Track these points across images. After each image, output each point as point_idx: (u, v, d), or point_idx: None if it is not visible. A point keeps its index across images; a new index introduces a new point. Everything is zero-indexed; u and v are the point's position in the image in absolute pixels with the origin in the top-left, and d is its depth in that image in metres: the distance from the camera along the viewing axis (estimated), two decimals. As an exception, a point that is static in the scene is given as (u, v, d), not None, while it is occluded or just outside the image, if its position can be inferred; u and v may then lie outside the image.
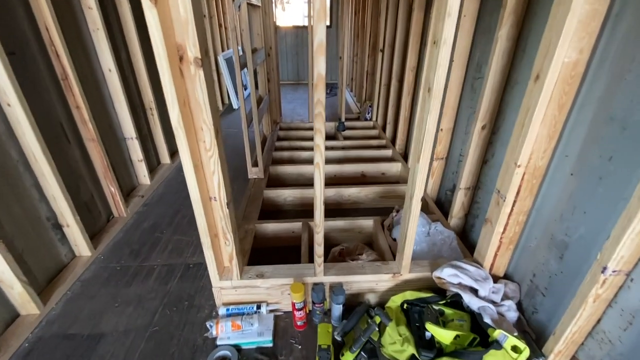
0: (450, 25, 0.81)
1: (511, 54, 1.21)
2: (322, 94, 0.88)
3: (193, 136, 0.95)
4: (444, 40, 0.83)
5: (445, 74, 0.87)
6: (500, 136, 1.32)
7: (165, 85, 0.85)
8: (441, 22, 0.82)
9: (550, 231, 1.06)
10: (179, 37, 0.83)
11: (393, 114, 2.75)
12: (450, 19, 0.80)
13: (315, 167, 1.00)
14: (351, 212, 1.97)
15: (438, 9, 0.83)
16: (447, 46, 0.83)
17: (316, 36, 0.80)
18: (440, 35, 0.83)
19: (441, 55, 0.84)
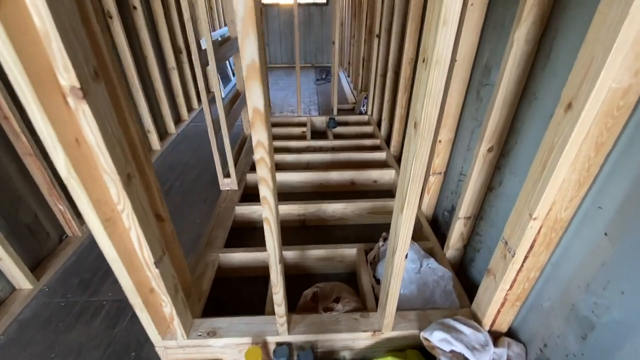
0: (445, 38, 0.54)
1: (530, 60, 0.93)
2: (262, 135, 0.62)
3: (98, 184, 0.70)
4: (437, 59, 0.56)
5: (437, 105, 0.61)
6: (510, 161, 1.06)
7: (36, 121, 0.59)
8: (433, 32, 0.55)
9: (571, 300, 0.82)
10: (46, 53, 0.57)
11: (389, 110, 2.46)
12: (446, 28, 0.53)
13: (265, 223, 0.76)
14: (335, 230, 1.74)
15: (429, 14, 0.56)
16: (440, 67, 0.57)
17: (245, 55, 0.54)
18: (432, 51, 0.56)
19: (432, 79, 0.58)
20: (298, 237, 1.68)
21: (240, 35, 0.52)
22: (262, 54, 0.55)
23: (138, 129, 0.83)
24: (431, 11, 0.55)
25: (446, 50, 0.54)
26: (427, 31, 0.57)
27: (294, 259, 1.43)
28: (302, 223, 1.77)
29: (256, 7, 0.51)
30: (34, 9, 0.51)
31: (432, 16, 0.55)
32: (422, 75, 0.60)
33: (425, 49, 0.58)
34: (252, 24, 0.51)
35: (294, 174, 2.02)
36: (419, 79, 0.61)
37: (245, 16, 0.50)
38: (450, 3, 0.50)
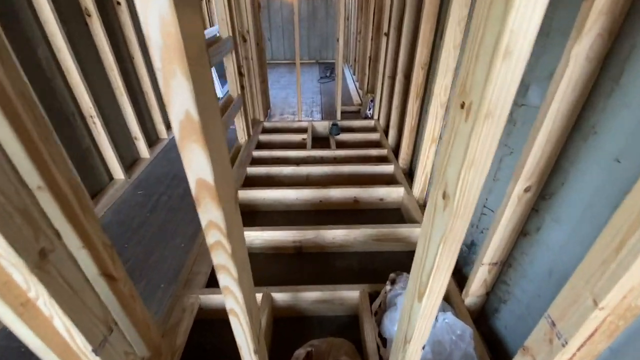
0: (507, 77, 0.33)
1: (590, 83, 0.70)
2: (215, 214, 0.42)
3: (0, 264, 0.51)
4: (489, 110, 0.35)
5: (483, 174, 0.40)
6: (553, 206, 0.84)
7: None
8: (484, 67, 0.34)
9: (644, 410, 0.61)
10: None
11: (397, 117, 2.24)
12: (508, 62, 0.32)
13: (230, 315, 0.56)
14: (336, 258, 1.54)
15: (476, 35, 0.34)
16: (494, 121, 0.35)
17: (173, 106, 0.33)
18: (481, 95, 0.35)
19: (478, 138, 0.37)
20: (292, 269, 1.48)
21: (161, 75, 0.31)
22: (205, 99, 0.35)
23: (71, 177, 0.63)
24: (479, 31, 0.34)
25: (506, 95, 0.33)
26: (471, 63, 0.36)
27: (286, 301, 1.23)
28: (297, 250, 1.58)
29: (187, 29, 0.30)
30: None
31: (481, 40, 0.33)
32: (462, 128, 0.39)
33: (467, 90, 0.37)
34: (179, 57, 0.30)
35: (290, 191, 1.82)
36: (455, 131, 0.40)
37: (165, 48, 0.29)
38: (521, 21, 0.29)
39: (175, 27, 0.29)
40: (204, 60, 0.35)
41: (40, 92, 1.52)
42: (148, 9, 0.28)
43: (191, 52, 0.31)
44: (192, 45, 0.32)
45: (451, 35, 1.31)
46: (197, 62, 0.33)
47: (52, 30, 1.57)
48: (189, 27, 0.31)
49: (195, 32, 0.32)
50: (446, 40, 1.32)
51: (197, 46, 0.33)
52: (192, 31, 0.31)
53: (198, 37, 0.33)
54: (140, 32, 2.38)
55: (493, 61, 0.31)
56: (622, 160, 0.65)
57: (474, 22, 0.35)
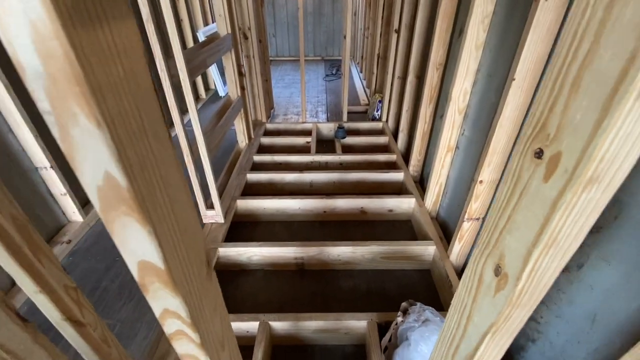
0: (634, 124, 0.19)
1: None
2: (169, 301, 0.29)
3: None
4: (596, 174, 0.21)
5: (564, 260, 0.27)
6: (602, 242, 0.71)
7: None
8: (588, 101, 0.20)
9: None
10: None
11: (408, 120, 2.09)
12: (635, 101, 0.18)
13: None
14: (341, 277, 1.42)
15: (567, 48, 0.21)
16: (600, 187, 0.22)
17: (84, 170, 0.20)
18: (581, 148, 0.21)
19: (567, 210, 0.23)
20: (293, 288, 1.37)
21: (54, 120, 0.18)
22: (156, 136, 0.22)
23: (14, 211, 0.52)
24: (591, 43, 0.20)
25: (630, 153, 0.20)
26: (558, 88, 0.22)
27: (286, 329, 1.12)
28: (299, 267, 1.46)
29: (82, 46, 0.17)
30: None
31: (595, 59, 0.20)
32: (539, 189, 0.26)
33: (549, 130, 0.24)
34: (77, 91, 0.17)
35: (293, 201, 1.70)
36: (524, 188, 0.27)
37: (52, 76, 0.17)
38: None
39: (63, 43, 0.16)
40: (138, 87, 0.22)
41: (24, 96, 1.41)
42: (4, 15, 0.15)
43: (105, 78, 0.19)
44: (108, 67, 0.19)
45: (473, 34, 1.16)
46: (122, 92, 0.20)
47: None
48: (95, 39, 0.18)
49: (114, 44, 0.19)
50: (467, 40, 1.18)
51: (122, 67, 0.20)
52: (104, 44, 0.19)
53: (123, 53, 0.21)
54: (137, 29, 2.26)
55: (617, 99, 0.18)
56: None
57: (570, 25, 0.21)
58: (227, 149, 2.37)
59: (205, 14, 3.49)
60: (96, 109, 0.18)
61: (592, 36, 0.20)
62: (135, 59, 0.22)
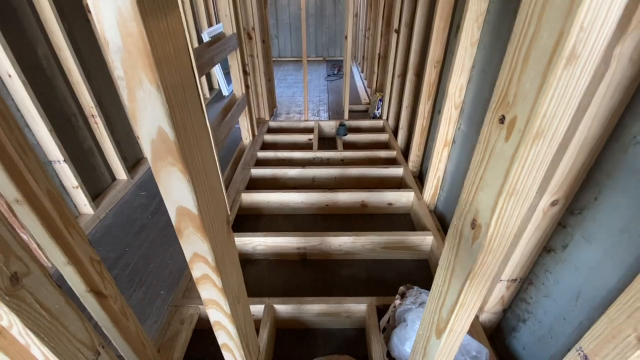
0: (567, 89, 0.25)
1: (634, 87, 0.62)
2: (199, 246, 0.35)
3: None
4: (542, 127, 0.27)
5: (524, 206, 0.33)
6: (584, 223, 0.76)
7: None
8: (534, 75, 0.26)
9: None
10: None
11: (407, 117, 2.15)
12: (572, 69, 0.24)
13: (223, 349, 0.50)
14: (342, 266, 1.48)
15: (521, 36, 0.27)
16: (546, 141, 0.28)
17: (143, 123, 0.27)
18: (529, 109, 0.27)
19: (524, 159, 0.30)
20: (296, 276, 1.42)
21: (125, 84, 0.24)
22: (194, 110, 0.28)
23: (49, 186, 0.58)
24: (529, 28, 0.26)
25: (565, 110, 0.26)
26: (514, 67, 0.28)
27: (290, 313, 1.17)
28: (302, 257, 1.52)
29: (151, 30, 0.23)
30: None
31: (533, 38, 0.26)
32: (500, 148, 0.31)
33: (508, 101, 0.30)
34: (145, 62, 0.24)
35: (296, 194, 1.76)
36: (491, 150, 0.33)
37: (128, 49, 0.23)
38: (592, 17, 0.22)
39: (139, 25, 0.22)
40: (182, 64, 0.28)
41: (40, 92, 1.48)
42: (99, 1, 0.21)
43: (163, 54, 0.25)
44: (165, 46, 0.25)
45: (468, 32, 1.22)
46: (173, 66, 0.26)
47: (52, 28, 1.53)
48: (158, 24, 0.24)
49: (168, 29, 0.26)
50: (462, 37, 1.24)
51: (172, 47, 0.27)
52: (163, 28, 0.25)
53: (173, 35, 0.27)
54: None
55: (552, 67, 0.24)
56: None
57: (520, 15, 0.27)
58: (231, 146, 2.43)
59: (209, 16, 3.56)
60: (158, 76, 0.24)
61: (536, 20, 0.26)
62: (181, 40, 0.28)
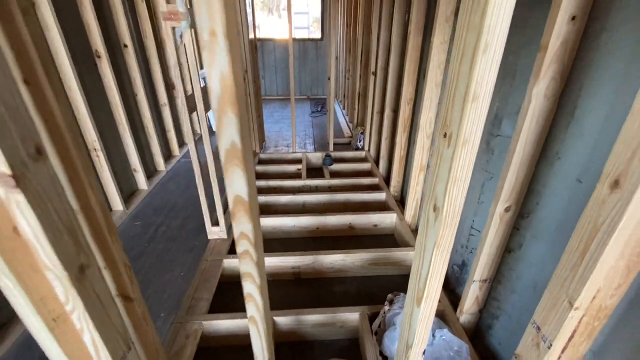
0: (475, 114, 0.43)
1: (551, 117, 0.84)
2: (246, 226, 0.50)
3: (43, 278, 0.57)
4: (465, 138, 0.45)
5: (464, 189, 0.49)
6: (532, 224, 0.94)
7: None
8: (458, 107, 0.45)
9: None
10: None
11: (387, 148, 2.38)
12: (476, 104, 0.43)
13: (249, 323, 0.62)
14: (334, 283, 1.59)
15: (452, 84, 0.46)
16: (469, 146, 0.46)
17: (223, 138, 0.43)
18: (458, 128, 0.45)
19: (458, 160, 0.47)
20: (291, 294, 1.52)
21: (216, 114, 0.40)
22: (245, 133, 0.44)
23: (100, 199, 0.71)
24: (454, 82, 0.45)
25: (476, 128, 0.44)
26: (449, 103, 0.47)
27: (288, 325, 1.26)
28: (296, 276, 1.62)
29: (237, 81, 0.40)
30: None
31: (456, 88, 0.45)
32: (445, 153, 0.49)
33: (447, 124, 0.48)
34: (231, 101, 0.40)
35: (288, 219, 1.89)
36: (440, 156, 0.50)
37: (222, 95, 0.39)
38: (482, 76, 0.40)
39: (231, 80, 0.39)
40: (244, 102, 0.45)
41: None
42: (212, 67, 0.38)
43: (238, 97, 0.41)
44: (239, 91, 0.42)
45: (433, 76, 1.48)
46: (241, 104, 0.43)
47: (66, 71, 1.69)
48: (238, 79, 0.41)
49: (240, 82, 0.42)
50: (428, 80, 1.49)
51: (241, 92, 0.43)
52: (239, 82, 0.41)
53: (241, 86, 0.43)
54: (144, 72, 2.53)
55: (465, 104, 0.42)
56: (583, 181, 0.77)
57: (449, 74, 0.46)
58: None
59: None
60: (237, 109, 0.41)
61: (456, 76, 0.44)
62: (242, 87, 0.45)
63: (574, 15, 0.71)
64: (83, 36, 1.90)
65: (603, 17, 0.70)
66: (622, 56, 0.67)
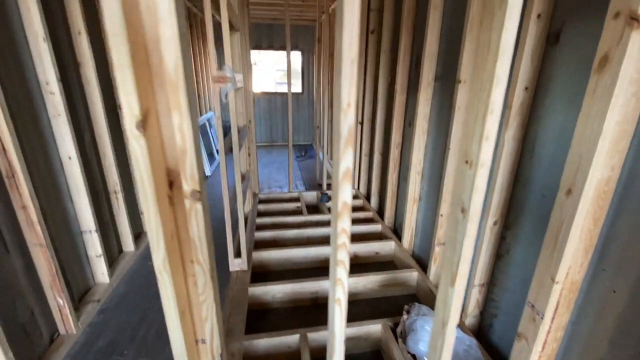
0: (489, 149, 0.73)
1: (519, 153, 1.18)
2: (346, 223, 0.73)
3: (181, 277, 0.74)
4: (482, 163, 0.74)
5: (482, 196, 0.78)
6: (515, 232, 1.24)
7: (149, 220, 0.66)
8: (476, 144, 0.74)
9: (597, 354, 0.93)
10: (170, 161, 0.67)
11: (378, 186, 2.71)
12: (488, 142, 0.73)
13: (335, 304, 0.82)
14: (349, 306, 1.75)
15: (471, 127, 0.76)
16: (485, 169, 0.75)
17: (341, 164, 0.68)
18: (477, 157, 0.74)
19: (479, 178, 0.75)
20: (311, 319, 1.66)
21: (341, 150, 0.67)
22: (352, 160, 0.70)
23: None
24: (472, 126, 0.75)
25: (489, 156, 0.73)
26: (468, 139, 0.77)
27: (318, 341, 1.40)
28: (313, 302, 1.77)
29: (353, 128, 0.67)
30: (179, 132, 0.63)
31: (474, 130, 0.75)
32: (468, 173, 0.78)
33: (468, 154, 0.77)
34: (351, 142, 0.66)
35: (295, 250, 2.07)
36: (464, 174, 0.79)
37: (347, 137, 0.66)
38: (491, 125, 0.71)
39: (353, 127, 0.66)
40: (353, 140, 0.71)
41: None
42: (343, 123, 0.65)
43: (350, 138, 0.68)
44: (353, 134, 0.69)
45: (420, 125, 1.85)
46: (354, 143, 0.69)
47: (98, 120, 1.88)
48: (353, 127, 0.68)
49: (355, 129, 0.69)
50: (417, 128, 1.86)
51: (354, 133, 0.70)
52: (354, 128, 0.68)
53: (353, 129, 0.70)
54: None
55: (481, 141, 0.72)
56: (546, 195, 1.09)
57: (467, 121, 0.77)
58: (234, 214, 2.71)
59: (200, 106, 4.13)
60: (353, 146, 0.68)
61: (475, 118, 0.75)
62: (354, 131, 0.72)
63: (527, 87, 1.09)
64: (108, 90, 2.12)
65: (545, 86, 1.08)
66: (561, 112, 1.03)
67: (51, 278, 1.42)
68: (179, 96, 0.61)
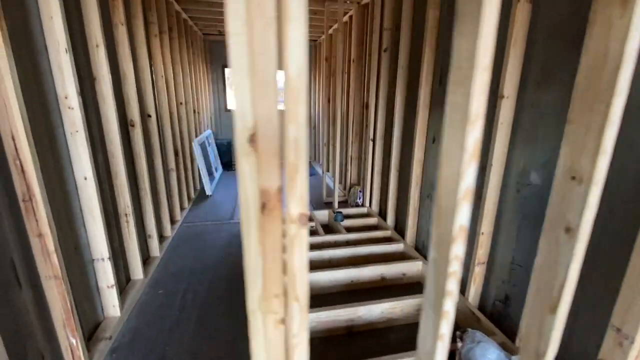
0: (603, 163, 0.69)
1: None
2: (461, 249, 0.66)
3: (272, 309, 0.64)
4: (596, 181, 0.69)
5: (593, 216, 0.72)
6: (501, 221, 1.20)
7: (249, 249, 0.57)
8: (588, 158, 0.70)
9: (701, 383, 0.87)
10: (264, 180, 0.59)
11: (395, 203, 2.65)
12: (604, 157, 0.68)
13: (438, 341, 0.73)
14: (387, 333, 1.64)
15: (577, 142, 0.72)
16: (597, 186, 0.70)
17: (462, 181, 0.61)
18: (591, 174, 0.69)
19: (590, 196, 0.70)
20: (347, 349, 1.53)
21: (464, 166, 0.60)
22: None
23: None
24: (582, 139, 0.71)
25: (604, 172, 0.69)
26: (576, 154, 0.72)
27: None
28: (348, 330, 1.65)
29: (479, 142, 0.61)
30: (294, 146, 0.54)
31: (584, 143, 0.70)
32: (577, 190, 0.72)
33: (577, 170, 0.72)
34: (476, 158, 0.60)
35: (321, 274, 1.95)
36: (572, 192, 0.74)
37: (472, 152, 0.59)
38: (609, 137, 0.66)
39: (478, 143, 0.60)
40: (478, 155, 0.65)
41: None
42: (472, 135, 0.59)
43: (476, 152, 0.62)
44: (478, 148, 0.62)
45: (450, 141, 1.83)
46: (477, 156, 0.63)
47: (113, 138, 1.75)
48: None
49: (469, 145, 0.63)
50: (447, 144, 1.83)
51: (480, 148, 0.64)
52: (472, 144, 0.62)
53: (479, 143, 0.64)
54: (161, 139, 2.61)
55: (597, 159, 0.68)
56: (616, 212, 1.06)
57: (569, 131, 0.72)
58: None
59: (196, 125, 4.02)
60: (477, 162, 0.61)
61: (582, 141, 0.70)
62: (464, 149, 0.66)
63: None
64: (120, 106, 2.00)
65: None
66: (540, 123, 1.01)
67: (65, 315, 1.25)
68: (299, 106, 0.53)
